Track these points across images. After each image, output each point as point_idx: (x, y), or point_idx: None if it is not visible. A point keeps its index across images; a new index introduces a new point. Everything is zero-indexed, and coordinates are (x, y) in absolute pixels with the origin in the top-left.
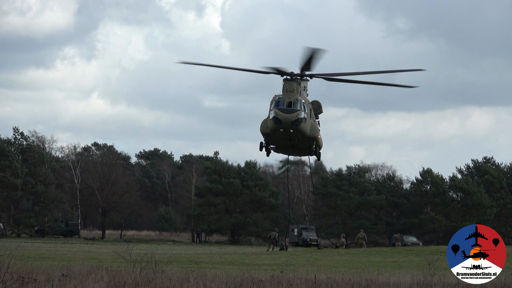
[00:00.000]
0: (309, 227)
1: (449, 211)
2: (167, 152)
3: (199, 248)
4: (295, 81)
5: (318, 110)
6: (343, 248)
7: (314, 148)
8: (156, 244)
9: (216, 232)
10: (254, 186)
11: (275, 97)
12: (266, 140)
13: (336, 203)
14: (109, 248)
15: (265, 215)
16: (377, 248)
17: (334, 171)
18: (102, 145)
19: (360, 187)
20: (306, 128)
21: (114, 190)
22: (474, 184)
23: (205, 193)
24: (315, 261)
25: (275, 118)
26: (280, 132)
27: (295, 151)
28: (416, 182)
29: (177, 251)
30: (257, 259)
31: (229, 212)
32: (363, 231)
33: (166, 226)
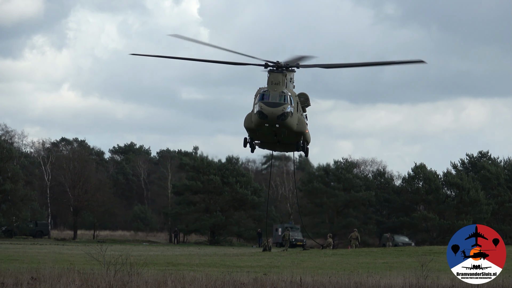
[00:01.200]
0: (294, 227)
1: (443, 209)
2: (143, 147)
3: (177, 249)
4: (280, 73)
5: (306, 103)
6: (330, 248)
7: (301, 144)
8: (131, 245)
9: (195, 232)
10: (235, 183)
11: (260, 90)
12: (251, 136)
13: (322, 201)
14: (81, 250)
15: (248, 213)
16: (367, 248)
17: (321, 166)
18: (73, 139)
19: (348, 183)
20: (293, 123)
21: (86, 188)
22: (469, 180)
23: (183, 191)
24: (301, 262)
25: (260, 112)
26: (265, 127)
27: (281, 147)
28: (408, 178)
29: (153, 253)
30: (239, 261)
31: (209, 210)
32: (357, 231)
33: (141, 225)
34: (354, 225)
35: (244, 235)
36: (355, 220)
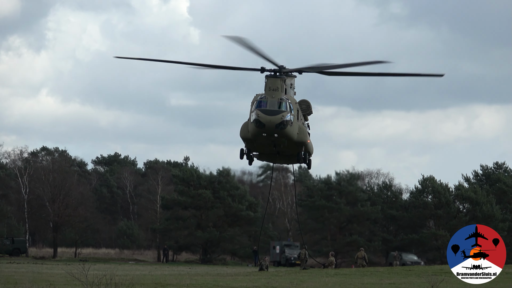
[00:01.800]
0: (293, 244)
1: (455, 225)
2: (128, 158)
3: (165, 268)
4: (279, 78)
5: (307, 110)
6: (333, 268)
7: (303, 155)
8: (116, 264)
9: (186, 250)
10: (228, 197)
11: (257, 97)
12: (248, 147)
13: (324, 216)
14: (61, 269)
15: (242, 230)
16: (372, 268)
17: (322, 178)
18: (53, 149)
19: (351, 197)
20: (293, 132)
21: (67, 202)
22: (483, 194)
23: (172, 205)
24: (300, 283)
25: (257, 120)
26: (263, 137)
27: (281, 159)
28: (416, 191)
29: (140, 272)
30: (233, 281)
31: (200, 226)
32: (363, 250)
33: (127, 243)
34: (358, 242)
35: (239, 253)
36: (359, 238)
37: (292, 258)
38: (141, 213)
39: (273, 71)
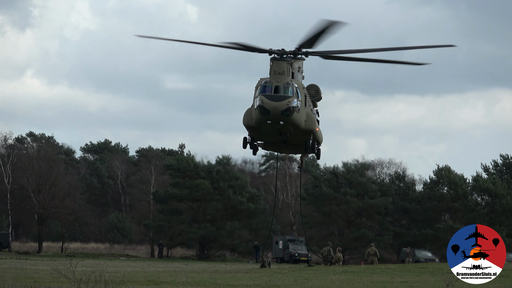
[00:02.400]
0: (297, 239)
1: (472, 218)
2: (119, 145)
3: (159, 264)
4: (285, 61)
5: (316, 96)
6: (340, 264)
7: (311, 144)
8: (106, 260)
9: (181, 245)
10: (228, 188)
11: (261, 81)
12: (251, 135)
13: (331, 209)
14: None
15: (242, 224)
16: (383, 265)
17: (329, 168)
18: (39, 135)
19: (361, 189)
20: (300, 119)
21: (53, 192)
22: (503, 185)
23: (166, 199)
24: (305, 281)
25: (261, 107)
26: (267, 124)
27: (288, 148)
28: (431, 182)
29: (132, 269)
30: (232, 279)
31: (197, 220)
32: (374, 246)
33: (118, 237)
34: (367, 237)
35: (239, 248)
36: (369, 232)
37: (297, 254)
38: (134, 204)
39: (279, 53)
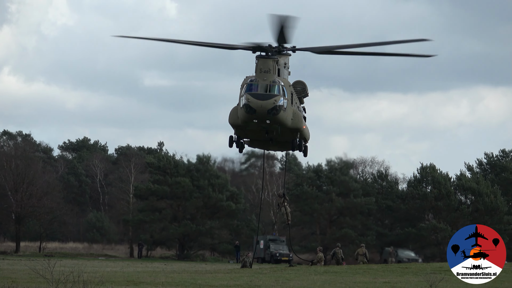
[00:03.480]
0: (278, 239)
1: (456, 218)
2: (98, 143)
3: (139, 264)
4: (271, 59)
5: (303, 93)
6: (322, 265)
7: (298, 142)
8: (84, 260)
9: (161, 244)
10: (208, 187)
11: (247, 79)
12: (237, 133)
13: (313, 208)
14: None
15: (222, 223)
16: (365, 265)
17: (311, 167)
18: (16, 133)
19: (343, 188)
20: (287, 118)
21: (31, 191)
22: (487, 184)
23: (146, 195)
24: (286, 281)
25: (247, 106)
26: (254, 123)
27: (274, 146)
28: (414, 181)
29: (111, 269)
30: (212, 279)
31: (177, 219)
32: (364, 246)
33: (97, 236)
34: (350, 236)
35: (219, 248)
36: (352, 231)
37: (278, 254)
38: (113, 204)
39: (265, 50)
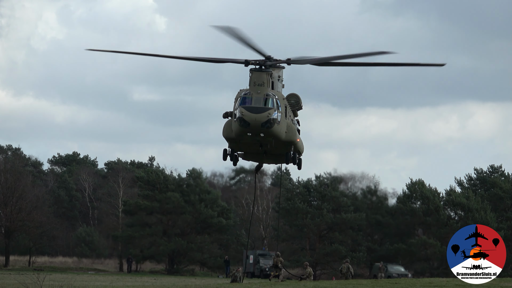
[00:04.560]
0: (268, 254)
1: (445, 233)
2: (88, 157)
3: (128, 279)
4: (265, 72)
5: (297, 105)
6: (311, 280)
7: (292, 155)
8: (73, 274)
9: (150, 259)
10: (198, 202)
11: (240, 93)
12: (231, 147)
13: (303, 223)
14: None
15: (213, 238)
16: (355, 280)
17: (301, 182)
18: (5, 147)
19: (333, 203)
20: (281, 131)
21: (20, 205)
22: (476, 200)
23: (136, 210)
24: None
25: (241, 119)
26: (247, 136)
27: (268, 159)
28: (404, 196)
29: (100, 283)
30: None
31: (167, 234)
32: (349, 262)
33: (86, 251)
34: (339, 252)
35: (209, 263)
36: (342, 247)
37: (267, 268)
38: (102, 218)
39: (259, 63)
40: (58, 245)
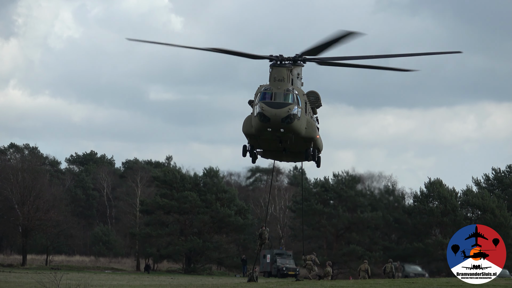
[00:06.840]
0: (285, 253)
1: None
2: (106, 157)
3: (145, 278)
4: (285, 67)
5: (316, 103)
6: (329, 279)
7: (311, 152)
8: (91, 273)
9: (168, 258)
10: (216, 201)
11: (261, 88)
12: (251, 143)
13: (320, 223)
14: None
15: (230, 237)
16: (372, 280)
17: (318, 182)
18: (23, 146)
19: (350, 202)
20: (301, 127)
21: (38, 204)
22: (493, 199)
23: (153, 209)
24: None
25: (261, 114)
26: (267, 132)
27: (288, 156)
28: (421, 196)
29: (117, 282)
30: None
31: (184, 233)
32: (367, 263)
33: (104, 250)
34: (356, 252)
35: (226, 262)
36: (359, 247)
37: (284, 268)
38: (119, 217)
39: (278, 59)
40: (75, 244)
